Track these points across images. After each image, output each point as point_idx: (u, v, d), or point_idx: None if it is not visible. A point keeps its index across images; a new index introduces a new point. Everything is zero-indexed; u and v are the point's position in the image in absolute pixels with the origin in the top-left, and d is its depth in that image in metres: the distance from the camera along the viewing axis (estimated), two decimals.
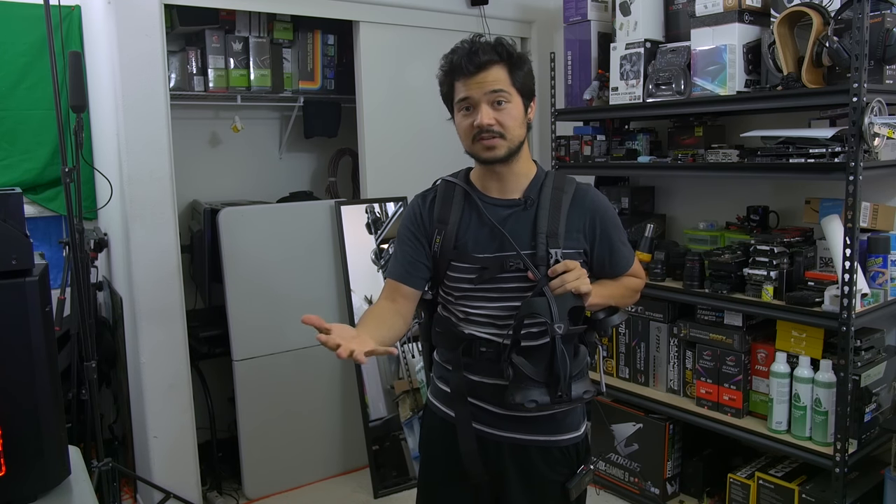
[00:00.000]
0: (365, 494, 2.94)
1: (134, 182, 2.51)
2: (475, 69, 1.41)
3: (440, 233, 1.50)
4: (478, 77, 1.41)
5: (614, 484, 2.86)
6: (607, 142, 2.97)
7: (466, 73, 1.41)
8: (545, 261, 1.43)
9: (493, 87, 1.41)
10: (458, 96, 1.44)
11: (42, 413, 1.27)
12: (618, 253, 1.54)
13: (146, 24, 2.48)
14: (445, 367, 1.57)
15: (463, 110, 1.45)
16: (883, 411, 2.29)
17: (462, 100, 1.44)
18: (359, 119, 3.12)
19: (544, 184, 1.50)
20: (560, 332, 1.34)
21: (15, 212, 1.33)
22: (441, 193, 1.54)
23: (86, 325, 2.29)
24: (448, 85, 1.47)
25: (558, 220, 1.46)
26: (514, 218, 1.48)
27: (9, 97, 2.91)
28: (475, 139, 1.44)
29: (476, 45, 1.42)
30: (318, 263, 3.04)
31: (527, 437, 1.50)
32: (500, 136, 1.43)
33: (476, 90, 1.41)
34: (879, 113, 2.03)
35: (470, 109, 1.44)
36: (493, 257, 1.46)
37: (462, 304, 1.51)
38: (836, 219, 2.20)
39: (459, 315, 1.53)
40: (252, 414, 2.89)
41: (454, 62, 1.44)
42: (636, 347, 2.82)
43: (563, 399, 1.38)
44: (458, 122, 1.47)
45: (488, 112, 1.41)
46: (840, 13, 2.09)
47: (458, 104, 1.45)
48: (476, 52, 1.41)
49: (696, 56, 2.45)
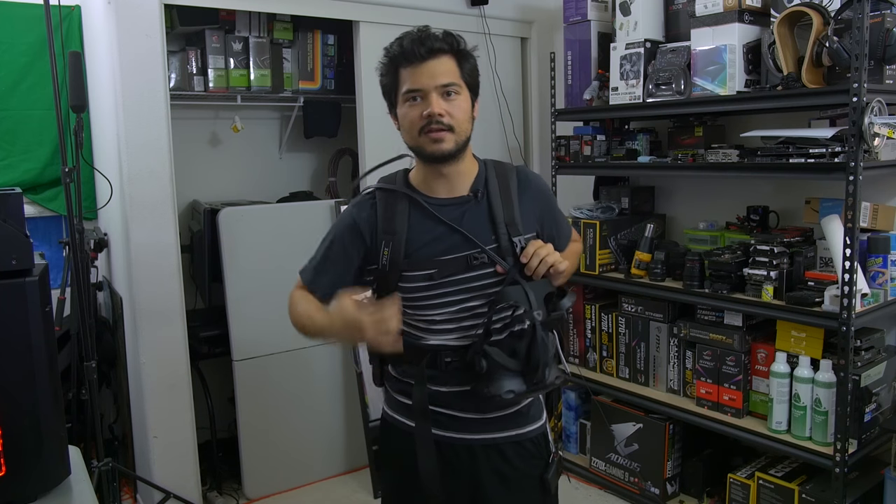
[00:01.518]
0: (365, 494, 2.94)
1: (134, 182, 2.51)
2: (426, 54, 1.34)
3: (388, 244, 1.41)
4: (428, 65, 1.34)
5: (614, 484, 2.86)
6: (607, 142, 2.97)
7: (416, 60, 1.34)
8: (510, 251, 1.40)
9: (444, 79, 1.35)
10: (406, 86, 1.36)
11: (42, 413, 1.27)
12: (561, 226, 1.57)
13: (146, 24, 2.48)
14: (405, 381, 1.48)
15: (409, 101, 1.36)
16: (883, 411, 2.28)
17: (410, 91, 1.35)
18: (359, 119, 3.12)
19: (488, 175, 1.46)
20: (539, 319, 1.32)
21: (15, 212, 1.33)
22: (382, 203, 1.45)
23: (86, 325, 2.29)
24: (392, 74, 1.38)
25: (513, 208, 1.43)
26: (469, 214, 1.42)
27: (9, 97, 2.91)
28: (422, 131, 1.36)
29: (425, 32, 1.36)
30: None
31: (498, 435, 1.46)
32: (448, 129, 1.35)
33: (426, 80, 1.34)
34: (879, 113, 2.03)
35: (417, 100, 1.36)
36: (453, 258, 1.40)
37: (422, 313, 1.43)
38: (836, 219, 2.20)
39: (420, 326, 1.44)
40: (252, 414, 2.89)
41: (403, 48, 1.35)
42: (636, 347, 2.82)
43: (538, 387, 1.35)
44: (403, 114, 1.39)
45: (439, 102, 1.34)
46: (840, 13, 2.09)
47: (405, 94, 1.36)
48: (426, 38, 1.35)
49: (696, 56, 2.45)
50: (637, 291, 2.75)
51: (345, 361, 3.07)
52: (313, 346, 3.01)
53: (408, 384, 1.47)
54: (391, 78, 1.39)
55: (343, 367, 3.07)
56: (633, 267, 2.76)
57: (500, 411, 1.45)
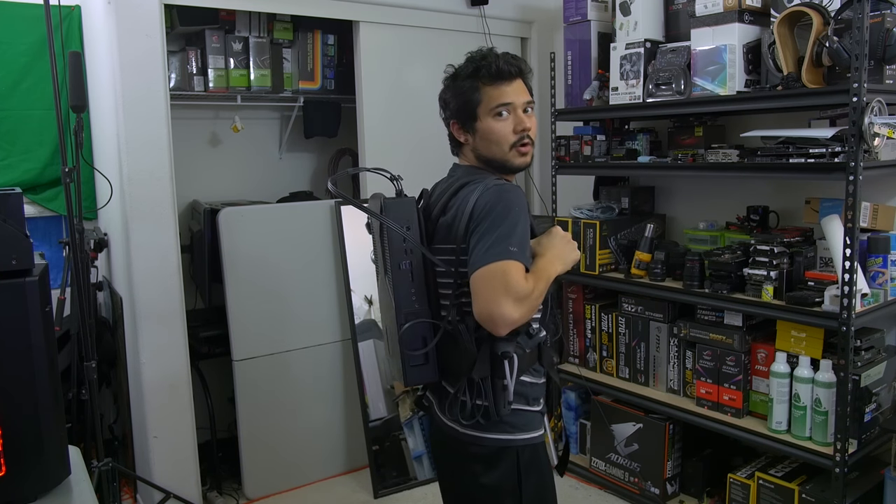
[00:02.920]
0: (365, 494, 2.94)
1: (134, 182, 2.51)
2: (515, 75, 1.46)
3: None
4: (517, 83, 1.46)
5: (614, 484, 2.86)
6: (607, 142, 2.97)
7: (507, 78, 1.45)
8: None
9: (527, 96, 1.48)
10: (498, 101, 1.45)
11: (42, 413, 1.27)
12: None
13: (146, 24, 2.48)
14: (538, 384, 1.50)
15: (496, 116, 1.46)
16: (883, 411, 2.28)
17: (502, 105, 1.45)
18: (359, 119, 3.12)
19: None
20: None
21: (15, 212, 1.33)
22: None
23: (86, 325, 2.29)
24: (474, 90, 1.46)
25: None
26: None
27: (9, 97, 2.91)
28: (513, 146, 1.46)
29: (505, 53, 1.48)
30: (318, 263, 3.03)
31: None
32: (531, 144, 1.49)
33: (517, 96, 1.46)
34: (879, 113, 2.03)
35: (503, 115, 1.46)
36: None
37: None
38: (836, 219, 2.20)
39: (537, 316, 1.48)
40: (252, 414, 2.89)
41: (495, 66, 1.45)
42: (636, 347, 2.82)
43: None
44: (491, 129, 1.46)
45: (527, 118, 1.47)
46: (840, 13, 2.09)
47: (494, 109, 1.45)
48: (510, 59, 1.46)
49: (696, 56, 2.45)
50: (637, 291, 2.75)
51: (345, 361, 3.07)
52: (313, 346, 3.01)
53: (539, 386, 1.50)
54: (471, 94, 1.46)
55: (343, 367, 3.07)
56: (633, 267, 2.76)
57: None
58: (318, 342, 3.03)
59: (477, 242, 1.33)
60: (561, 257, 1.43)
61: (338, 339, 3.06)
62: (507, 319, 1.29)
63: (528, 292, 1.31)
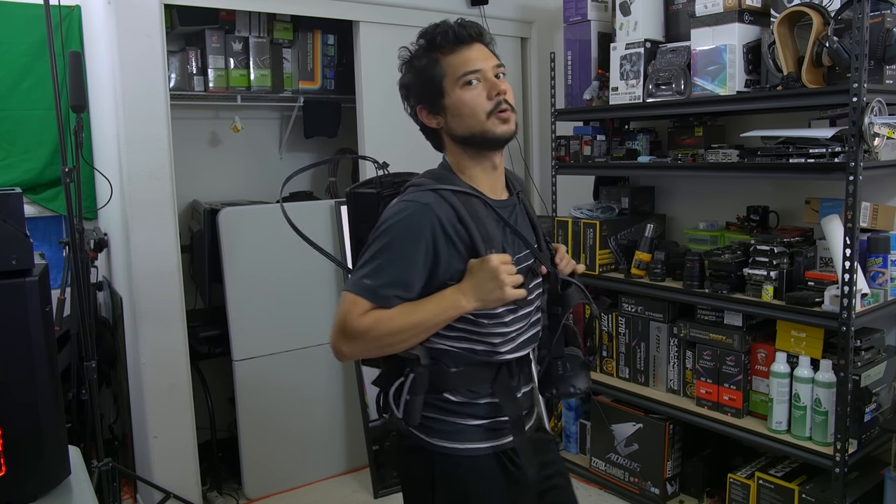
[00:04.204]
0: (365, 494, 2.94)
1: (134, 182, 2.51)
2: (476, 36, 1.31)
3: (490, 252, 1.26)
4: (476, 47, 1.31)
5: (614, 484, 2.86)
6: (607, 142, 2.97)
7: (467, 41, 1.30)
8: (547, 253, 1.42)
9: (495, 59, 1.32)
10: (464, 68, 1.29)
11: (42, 413, 1.27)
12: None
13: (146, 24, 2.48)
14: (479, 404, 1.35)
15: (464, 85, 1.29)
16: (883, 411, 2.28)
17: (469, 72, 1.29)
18: (359, 119, 3.12)
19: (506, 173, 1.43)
20: (597, 313, 1.38)
21: (15, 212, 1.33)
22: (465, 208, 1.28)
23: (86, 325, 2.29)
24: (433, 64, 1.31)
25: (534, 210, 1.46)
26: (518, 216, 1.39)
27: (9, 97, 2.91)
28: (490, 114, 1.29)
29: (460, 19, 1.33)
30: (318, 263, 3.02)
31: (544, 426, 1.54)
32: (511, 110, 1.32)
33: (484, 61, 1.30)
34: (879, 113, 2.03)
35: (473, 84, 1.29)
36: (523, 267, 1.34)
37: (499, 328, 1.33)
38: (836, 219, 2.20)
39: (495, 341, 1.33)
40: (252, 414, 2.89)
41: (452, 32, 1.30)
42: (636, 347, 2.82)
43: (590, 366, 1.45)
44: (461, 99, 1.30)
45: (503, 83, 1.30)
46: (840, 13, 2.09)
47: (462, 77, 1.29)
48: (466, 23, 1.31)
49: (696, 56, 2.45)
50: (637, 291, 2.75)
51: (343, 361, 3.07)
52: (313, 346, 3.01)
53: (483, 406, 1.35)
54: (433, 69, 1.31)
55: (343, 367, 3.07)
56: (633, 267, 2.76)
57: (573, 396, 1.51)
58: (319, 342, 3.03)
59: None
60: (476, 290, 1.23)
61: None
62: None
63: (360, 331, 1.22)
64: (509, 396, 1.35)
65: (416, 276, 1.25)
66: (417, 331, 1.25)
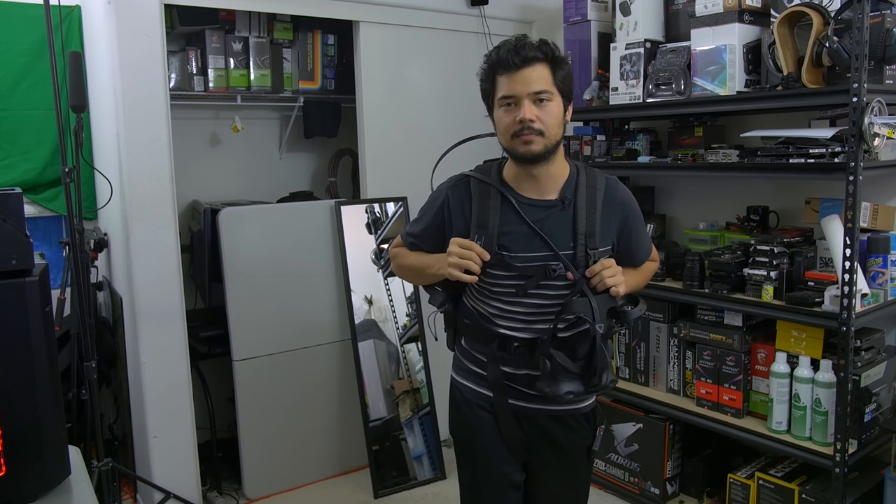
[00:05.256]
0: (365, 494, 2.94)
1: (134, 182, 2.51)
2: (520, 63, 1.42)
3: (480, 238, 1.50)
4: (522, 73, 1.43)
5: (614, 484, 2.86)
6: (607, 142, 2.97)
7: (511, 68, 1.43)
8: (584, 261, 1.48)
9: (537, 87, 1.43)
10: (501, 92, 1.45)
11: (42, 413, 1.27)
12: (642, 245, 1.64)
13: (146, 24, 2.48)
14: (479, 357, 1.62)
15: (504, 106, 1.46)
16: (883, 411, 2.28)
17: (505, 97, 1.45)
18: (359, 119, 3.12)
19: (578, 182, 1.53)
20: (601, 332, 1.43)
21: (15, 212, 1.33)
22: (477, 195, 1.54)
23: (86, 325, 2.28)
24: (490, 80, 1.49)
25: (595, 220, 1.51)
26: (553, 219, 1.50)
27: (9, 97, 2.91)
28: (514, 135, 1.45)
29: (521, 41, 1.45)
30: (318, 264, 3.04)
31: (557, 409, 1.58)
32: (539, 134, 1.44)
33: (520, 87, 1.43)
34: (879, 113, 2.03)
35: (511, 106, 1.45)
36: (535, 265, 1.48)
37: (497, 302, 1.56)
38: (836, 219, 2.20)
39: (492, 311, 1.57)
40: (252, 414, 2.89)
41: (500, 56, 1.45)
42: (636, 347, 2.82)
43: (595, 389, 1.48)
44: (498, 118, 1.48)
45: (531, 108, 1.43)
46: (840, 13, 2.09)
47: (501, 100, 1.46)
48: (522, 47, 1.43)
49: (696, 56, 2.45)
50: (637, 291, 2.75)
51: (345, 362, 3.07)
52: (313, 346, 3.01)
53: (482, 360, 1.61)
54: (489, 84, 1.49)
55: (343, 367, 3.07)
56: None
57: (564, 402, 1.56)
58: (318, 342, 3.03)
59: None
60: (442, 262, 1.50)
61: (338, 339, 3.06)
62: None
63: (390, 256, 1.73)
64: (493, 362, 1.58)
65: (428, 233, 1.62)
66: (415, 271, 1.65)
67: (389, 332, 3.07)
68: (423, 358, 3.11)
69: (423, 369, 3.10)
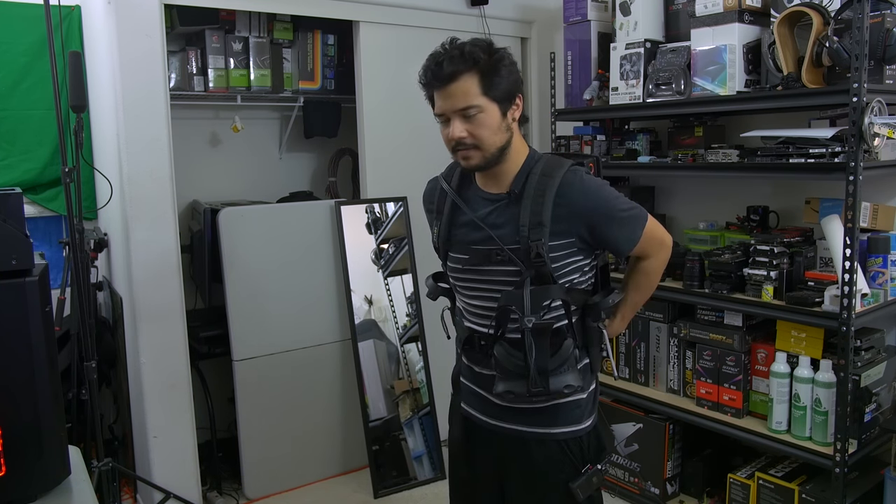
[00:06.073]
0: (365, 494, 2.94)
1: (134, 182, 2.51)
2: (446, 79, 1.37)
3: (437, 224, 1.57)
4: (447, 90, 1.38)
5: (614, 484, 2.86)
6: (607, 142, 2.97)
7: (436, 86, 1.40)
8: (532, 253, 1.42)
9: (462, 103, 1.37)
10: (435, 109, 1.44)
11: (42, 413, 1.27)
12: (620, 234, 1.49)
13: (146, 24, 2.48)
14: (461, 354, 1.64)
15: (441, 122, 1.44)
16: (883, 411, 2.28)
17: (437, 115, 1.44)
18: (359, 119, 3.12)
19: (531, 172, 1.45)
20: (529, 326, 1.36)
21: (15, 212, 1.33)
22: (439, 191, 1.59)
23: (86, 325, 2.29)
24: (429, 96, 1.46)
25: (541, 211, 1.41)
26: (498, 212, 1.47)
27: (9, 97, 2.91)
28: (453, 150, 1.45)
29: (441, 56, 1.38)
30: (318, 263, 3.03)
31: (524, 429, 1.50)
32: (473, 148, 1.41)
33: (447, 105, 1.39)
34: (879, 113, 2.03)
35: (446, 122, 1.42)
36: (480, 249, 1.49)
37: (462, 296, 1.58)
38: (836, 219, 2.20)
39: (463, 307, 1.59)
40: (252, 414, 2.89)
41: (426, 72, 1.42)
42: (636, 347, 2.82)
43: (541, 392, 1.39)
44: (441, 131, 1.46)
45: (459, 126, 1.39)
46: (840, 13, 2.09)
47: (436, 116, 1.45)
48: (441, 64, 1.37)
49: (696, 56, 2.45)
50: None
51: (345, 362, 3.07)
52: (313, 346, 3.01)
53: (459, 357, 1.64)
54: (429, 99, 1.47)
55: (343, 367, 3.07)
56: None
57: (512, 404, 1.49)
58: (318, 342, 3.03)
59: None
60: None
61: (338, 339, 3.06)
62: None
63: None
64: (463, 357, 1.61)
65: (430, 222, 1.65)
66: None
67: (389, 332, 3.07)
68: (423, 358, 3.11)
69: (423, 369, 3.10)
